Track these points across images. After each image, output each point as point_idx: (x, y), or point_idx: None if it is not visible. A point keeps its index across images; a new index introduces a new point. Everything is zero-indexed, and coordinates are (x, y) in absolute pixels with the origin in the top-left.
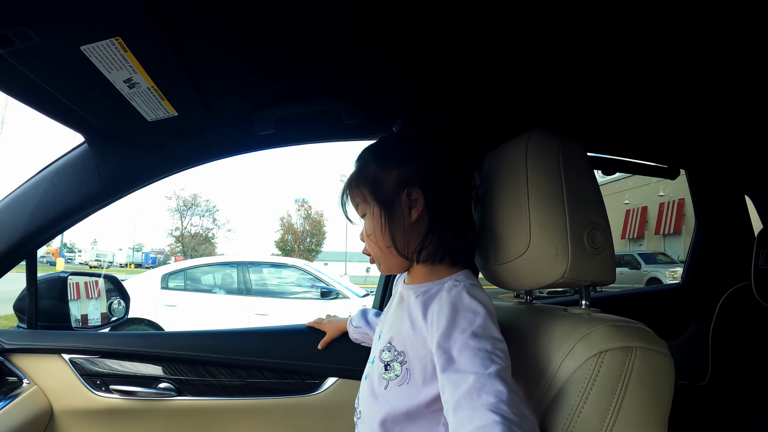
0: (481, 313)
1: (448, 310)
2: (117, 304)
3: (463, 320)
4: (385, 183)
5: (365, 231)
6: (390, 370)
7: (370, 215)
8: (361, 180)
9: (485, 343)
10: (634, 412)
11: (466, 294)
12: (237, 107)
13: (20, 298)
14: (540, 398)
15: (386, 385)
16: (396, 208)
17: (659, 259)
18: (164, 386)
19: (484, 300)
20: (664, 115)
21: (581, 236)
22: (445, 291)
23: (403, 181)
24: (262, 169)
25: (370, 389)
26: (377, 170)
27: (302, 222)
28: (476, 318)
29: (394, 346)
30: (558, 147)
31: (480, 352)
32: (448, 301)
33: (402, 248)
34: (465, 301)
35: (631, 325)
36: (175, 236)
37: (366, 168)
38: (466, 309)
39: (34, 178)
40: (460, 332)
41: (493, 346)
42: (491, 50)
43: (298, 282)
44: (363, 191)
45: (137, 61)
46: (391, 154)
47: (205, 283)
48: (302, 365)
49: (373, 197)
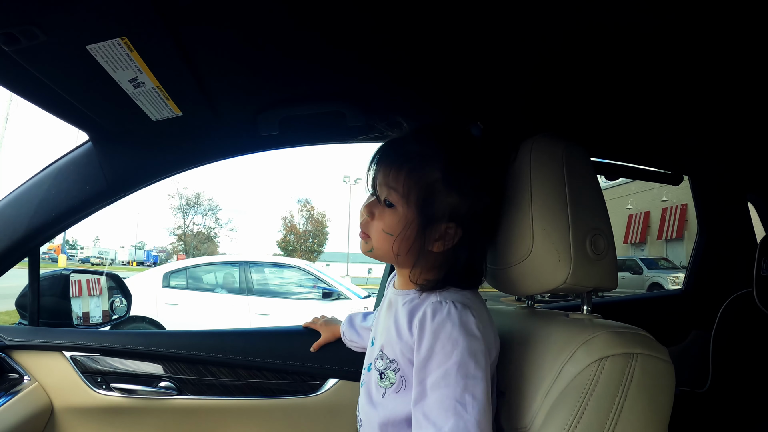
0: (460, 345)
1: (429, 338)
2: (119, 302)
3: (441, 352)
4: (438, 202)
5: (383, 223)
6: (385, 378)
7: (401, 215)
8: (416, 175)
9: (456, 386)
10: (634, 418)
11: (449, 321)
12: (241, 108)
13: (22, 294)
14: (541, 403)
15: (383, 393)
16: (427, 230)
17: (661, 265)
18: (165, 385)
19: (468, 326)
20: (668, 121)
21: (584, 242)
22: (429, 310)
23: (453, 214)
24: (265, 169)
25: (368, 397)
26: (438, 182)
27: (305, 222)
28: (454, 351)
29: (386, 354)
30: (562, 152)
31: (446, 400)
32: (430, 327)
33: (406, 261)
34: (447, 329)
35: (632, 331)
36: (178, 235)
37: (429, 168)
38: (446, 338)
39: (38, 176)
40: (436, 365)
41: (463, 390)
42: (496, 55)
43: (299, 282)
44: (409, 188)
45: (143, 60)
46: (460, 177)
47: (207, 282)
48: (303, 366)
49: (416, 203)
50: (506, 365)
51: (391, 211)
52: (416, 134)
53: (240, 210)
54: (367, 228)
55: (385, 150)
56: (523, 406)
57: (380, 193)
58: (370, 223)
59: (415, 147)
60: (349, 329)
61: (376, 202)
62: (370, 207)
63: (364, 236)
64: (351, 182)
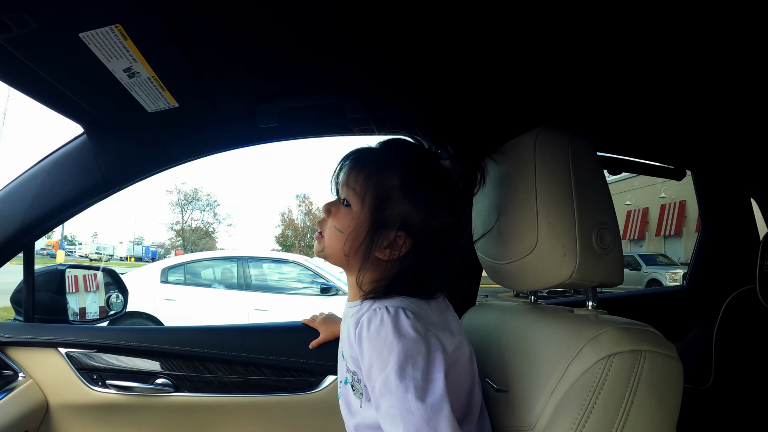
0: (395, 349)
1: (366, 347)
2: (115, 298)
3: (378, 360)
4: (391, 207)
5: (337, 220)
6: (356, 390)
7: (353, 215)
8: (374, 179)
9: (398, 391)
10: (644, 417)
11: (383, 326)
12: (239, 99)
13: (17, 290)
14: (546, 401)
15: (360, 404)
16: (379, 236)
17: (660, 261)
18: (161, 382)
19: (402, 328)
20: (672, 116)
21: (590, 236)
22: (365, 319)
23: (405, 222)
24: (264, 164)
25: (348, 408)
26: (394, 189)
27: (303, 218)
28: (390, 356)
29: (349, 367)
30: (567, 144)
31: (392, 408)
32: (366, 336)
33: (353, 265)
34: (381, 335)
35: (640, 327)
36: (176, 230)
37: (388, 174)
38: (382, 344)
39: (32, 169)
40: (377, 373)
41: (404, 393)
42: (499, 45)
43: (298, 278)
44: (367, 189)
45: (137, 49)
46: (416, 189)
47: (205, 277)
48: (302, 363)
49: (369, 206)
50: (509, 362)
51: (346, 209)
52: (384, 143)
53: (238, 205)
54: (323, 226)
55: (351, 154)
56: (527, 405)
57: (341, 194)
58: (325, 221)
59: (379, 153)
60: None
61: (335, 201)
62: (329, 205)
63: (319, 236)
64: None
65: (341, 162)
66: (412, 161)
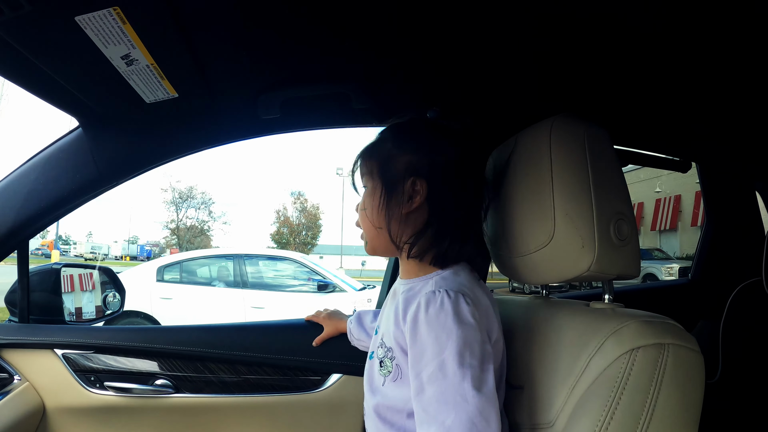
0: (455, 335)
1: (423, 329)
2: (112, 297)
3: (436, 344)
4: (394, 164)
5: (362, 204)
6: (384, 366)
7: (371, 190)
8: (374, 153)
9: (454, 378)
10: (669, 411)
11: (442, 311)
12: (241, 89)
13: (12, 290)
14: (566, 398)
15: (383, 382)
16: (397, 193)
17: (655, 255)
18: (161, 383)
19: (462, 314)
20: (679, 108)
21: (608, 227)
22: (423, 301)
23: (411, 169)
24: (259, 161)
25: (369, 385)
26: (392, 149)
27: (298, 215)
28: (449, 342)
29: (385, 342)
30: (584, 133)
31: (445, 393)
32: (423, 319)
33: (394, 235)
34: (441, 320)
35: (662, 320)
36: (171, 229)
37: (382, 144)
38: (440, 329)
39: (26, 165)
40: (431, 357)
41: (461, 380)
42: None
43: (294, 275)
44: (372, 165)
45: (136, 34)
46: (410, 138)
47: (201, 275)
48: (305, 361)
49: (378, 174)
50: (524, 358)
51: (365, 191)
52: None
53: (233, 203)
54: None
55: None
56: (545, 401)
57: (359, 187)
58: (360, 218)
59: (374, 139)
60: (358, 328)
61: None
62: (357, 205)
63: (362, 236)
64: (344, 174)
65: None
66: (400, 123)
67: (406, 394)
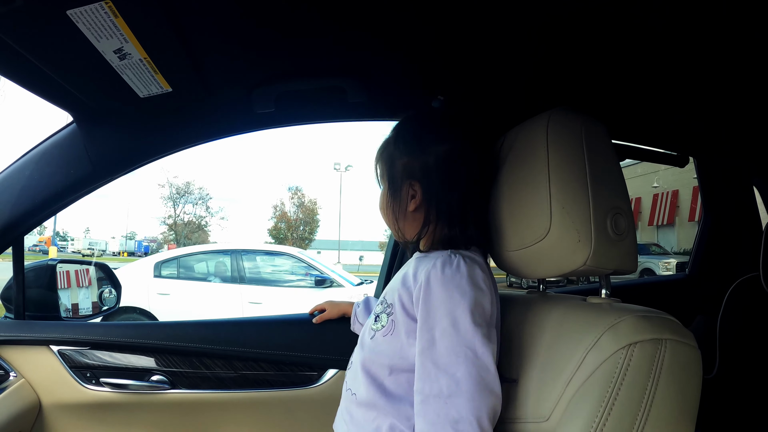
0: (468, 294)
1: (438, 287)
2: (108, 293)
3: (450, 301)
4: (395, 167)
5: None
6: (378, 321)
7: (384, 190)
8: (383, 156)
9: (466, 333)
10: (666, 407)
11: (458, 272)
12: (235, 83)
13: (7, 286)
14: (561, 393)
15: (373, 335)
16: (399, 195)
17: (653, 250)
18: (157, 379)
19: (476, 279)
20: (677, 103)
21: (604, 221)
22: (440, 262)
23: (407, 172)
24: (256, 157)
25: (360, 340)
26: (394, 152)
27: (295, 210)
28: (463, 300)
29: (386, 299)
30: (581, 127)
31: (457, 347)
32: (440, 277)
33: (403, 230)
34: (456, 280)
35: (659, 315)
36: (168, 224)
37: (387, 146)
38: (455, 287)
39: (20, 161)
40: (444, 313)
41: (473, 336)
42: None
43: (292, 270)
44: (382, 167)
45: (129, 28)
46: (404, 140)
47: (199, 271)
48: (301, 356)
49: (386, 176)
50: (520, 352)
51: (382, 190)
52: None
53: (231, 198)
54: None
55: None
56: (540, 396)
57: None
58: None
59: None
60: (364, 312)
61: None
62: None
63: None
64: (341, 169)
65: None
66: (402, 126)
67: (393, 350)
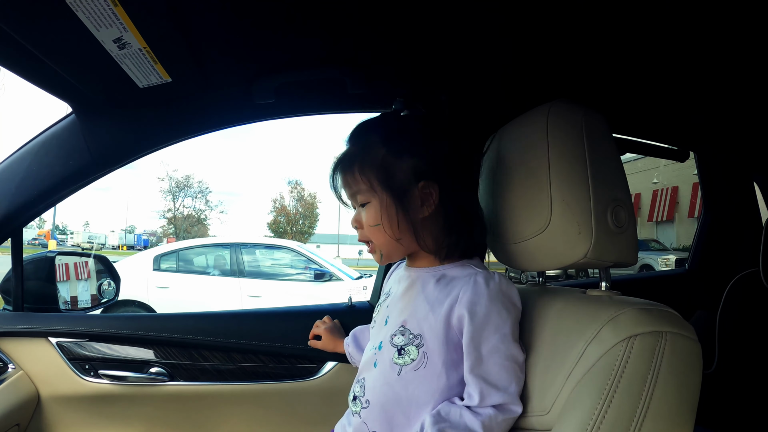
0: (512, 311)
1: (485, 305)
2: (107, 285)
3: (498, 318)
4: (397, 172)
5: (368, 220)
6: (404, 354)
7: (377, 204)
8: (366, 164)
9: (513, 348)
10: (666, 400)
11: (501, 291)
12: (235, 73)
13: (6, 278)
14: (561, 386)
15: (399, 371)
16: (409, 201)
17: (652, 246)
18: (156, 371)
19: (514, 297)
20: (678, 97)
21: (605, 213)
22: (482, 279)
23: (418, 173)
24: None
25: (382, 377)
26: (387, 156)
27: (295, 204)
28: (509, 317)
29: (409, 330)
30: (581, 119)
31: (507, 363)
32: (486, 295)
33: (420, 241)
34: (501, 298)
35: (659, 308)
36: (168, 218)
37: (373, 151)
38: (502, 305)
39: (19, 152)
40: (493, 330)
41: (518, 353)
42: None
43: (291, 264)
44: (369, 178)
45: (128, 17)
46: (403, 140)
47: (198, 264)
48: (300, 349)
49: (382, 186)
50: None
51: (368, 207)
52: (351, 138)
53: (230, 192)
54: (365, 236)
55: (335, 167)
56: (540, 389)
57: (352, 203)
58: (362, 231)
59: (353, 147)
60: (356, 350)
61: (357, 212)
62: (355, 219)
63: (370, 247)
64: None
65: (331, 179)
66: (383, 125)
67: (428, 383)
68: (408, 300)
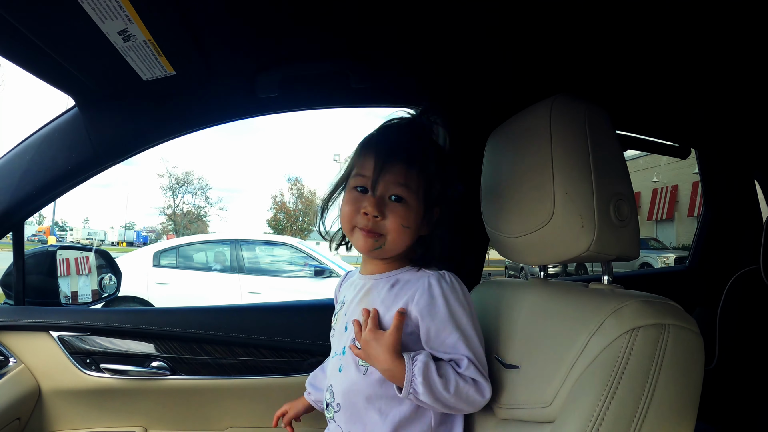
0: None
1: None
2: (108, 280)
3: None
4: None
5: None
6: None
7: (411, 206)
8: (424, 170)
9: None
10: (669, 391)
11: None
12: (239, 67)
13: (7, 273)
14: (564, 378)
15: (365, 371)
16: (426, 216)
17: (651, 245)
18: (157, 365)
19: (466, 292)
20: (680, 94)
21: (608, 207)
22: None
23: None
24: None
25: (348, 379)
26: (434, 174)
27: (295, 201)
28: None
29: None
30: (584, 113)
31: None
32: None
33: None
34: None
35: (662, 301)
36: (168, 214)
37: (430, 162)
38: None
39: (21, 145)
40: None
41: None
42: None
43: (291, 260)
44: (418, 183)
45: (133, 8)
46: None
47: (198, 260)
48: (302, 343)
49: (423, 195)
50: (521, 337)
51: (403, 206)
52: (411, 130)
53: (230, 189)
54: (379, 227)
55: (386, 149)
56: (542, 381)
57: (385, 191)
58: (381, 222)
59: (416, 144)
60: (317, 391)
61: (382, 200)
62: (380, 207)
63: (375, 236)
64: (341, 160)
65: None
66: (437, 145)
67: None
68: (366, 306)
